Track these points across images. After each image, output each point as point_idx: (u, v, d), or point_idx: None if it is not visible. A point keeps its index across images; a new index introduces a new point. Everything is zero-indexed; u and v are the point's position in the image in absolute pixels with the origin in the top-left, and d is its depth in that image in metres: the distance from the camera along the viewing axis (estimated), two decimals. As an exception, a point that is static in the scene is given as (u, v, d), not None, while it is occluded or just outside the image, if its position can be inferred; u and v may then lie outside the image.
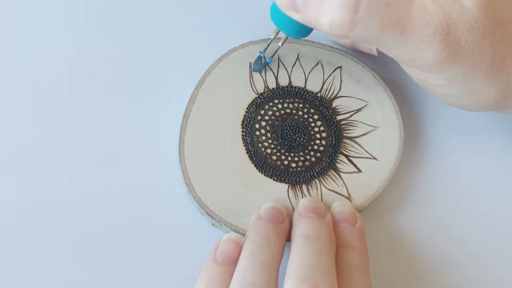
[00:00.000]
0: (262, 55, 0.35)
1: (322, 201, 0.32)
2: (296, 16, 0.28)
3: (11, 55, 0.36)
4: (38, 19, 0.37)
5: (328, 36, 0.38)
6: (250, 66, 0.35)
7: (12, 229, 0.32)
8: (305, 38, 0.36)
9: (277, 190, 0.32)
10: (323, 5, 0.26)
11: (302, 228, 0.30)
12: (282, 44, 0.34)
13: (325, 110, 0.35)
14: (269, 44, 0.34)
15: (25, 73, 0.36)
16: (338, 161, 0.34)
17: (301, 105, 0.35)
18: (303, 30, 0.31)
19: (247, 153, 0.33)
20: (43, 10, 0.38)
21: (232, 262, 0.29)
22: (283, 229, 0.30)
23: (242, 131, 0.34)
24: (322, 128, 0.34)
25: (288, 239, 0.31)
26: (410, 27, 0.27)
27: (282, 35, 0.33)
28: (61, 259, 0.32)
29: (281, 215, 0.31)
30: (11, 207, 0.32)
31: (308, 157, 0.33)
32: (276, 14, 0.31)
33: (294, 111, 0.34)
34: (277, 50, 0.35)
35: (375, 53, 0.36)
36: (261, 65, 0.35)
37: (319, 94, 0.35)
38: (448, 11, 0.27)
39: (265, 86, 0.35)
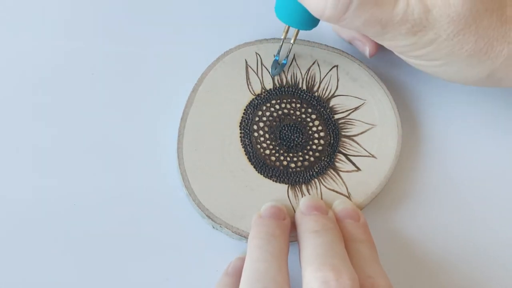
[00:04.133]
0: (277, 58, 0.35)
1: (322, 200, 0.32)
2: None
3: (11, 55, 0.36)
4: (38, 19, 0.37)
5: (324, 36, 0.38)
6: (247, 67, 0.35)
7: (12, 229, 0.32)
8: (301, 38, 0.36)
9: (277, 191, 0.32)
10: None
11: (309, 226, 0.30)
12: (294, 40, 0.34)
13: (322, 109, 0.35)
14: (281, 45, 0.35)
15: (25, 73, 0.36)
16: (337, 160, 0.34)
17: (298, 105, 0.35)
18: (311, 21, 0.32)
19: (245, 154, 0.33)
20: (43, 10, 0.37)
21: (240, 274, 0.29)
22: (286, 225, 0.31)
23: (240, 133, 0.34)
24: (320, 128, 0.34)
25: (292, 238, 0.31)
26: (391, 24, 0.29)
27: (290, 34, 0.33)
28: (61, 259, 0.32)
29: (282, 212, 0.31)
30: (11, 207, 0.32)
31: (307, 157, 0.33)
32: (282, 11, 0.31)
33: (291, 111, 0.34)
34: (290, 49, 0.35)
35: (367, 55, 0.36)
36: (278, 68, 0.35)
37: (316, 94, 0.35)
38: (430, 6, 0.28)
39: (262, 87, 0.35)
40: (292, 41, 0.34)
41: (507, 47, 0.30)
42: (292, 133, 0.34)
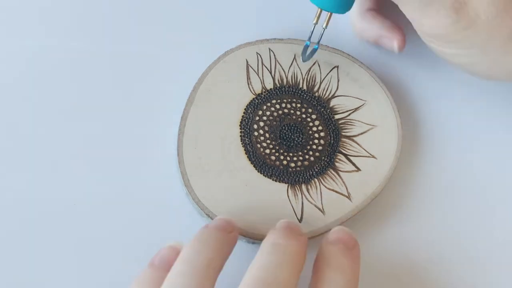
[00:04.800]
0: (308, 44, 0.35)
1: (322, 200, 0.32)
2: None
3: (11, 55, 0.36)
4: (37, 18, 0.37)
5: (325, 36, 0.38)
6: (247, 66, 0.35)
7: (12, 229, 0.32)
8: (302, 39, 0.36)
9: (277, 190, 0.32)
10: None
11: (272, 236, 0.28)
12: (327, 24, 0.33)
13: (323, 109, 0.35)
14: (312, 30, 0.34)
15: (25, 73, 0.36)
16: (337, 160, 0.34)
17: (298, 105, 0.35)
18: (345, 3, 0.32)
19: (245, 153, 0.33)
20: (43, 10, 0.38)
21: (169, 267, 0.27)
22: (230, 238, 0.29)
23: (241, 132, 0.34)
24: (320, 128, 0.34)
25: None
26: None
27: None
28: (60, 259, 0.32)
29: (230, 225, 0.29)
30: (11, 207, 0.32)
31: (307, 156, 0.33)
32: None
33: (292, 111, 0.34)
34: (322, 34, 0.34)
35: (396, 50, 0.36)
36: (310, 53, 0.35)
37: (316, 94, 0.35)
38: None
39: (262, 87, 0.35)
40: (324, 26, 0.33)
41: None
42: (292, 132, 0.34)
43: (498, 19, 0.29)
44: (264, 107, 0.34)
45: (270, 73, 0.35)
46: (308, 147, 0.34)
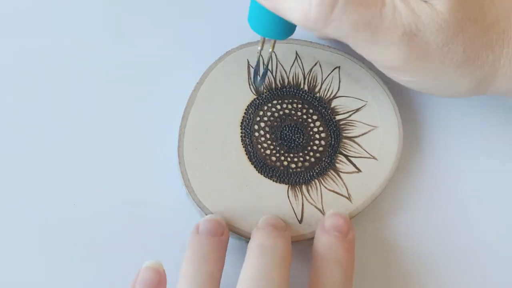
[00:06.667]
0: (257, 69, 0.34)
1: (322, 201, 0.32)
2: (267, 3, 0.28)
3: (11, 55, 0.36)
4: (37, 18, 0.37)
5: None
6: (249, 67, 0.35)
7: (11, 229, 0.32)
8: (303, 39, 0.36)
9: (277, 191, 0.32)
10: None
11: (258, 237, 0.29)
12: (273, 49, 0.32)
13: (324, 110, 0.35)
14: (259, 57, 0.33)
15: (25, 73, 0.36)
16: (338, 161, 0.34)
17: (299, 106, 0.35)
18: (287, 29, 0.30)
19: (246, 154, 0.33)
20: (43, 9, 0.38)
21: None
22: (222, 241, 0.30)
23: (241, 133, 0.34)
24: (321, 129, 0.34)
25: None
26: (381, 28, 0.27)
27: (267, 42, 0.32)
28: (60, 259, 0.32)
29: (220, 227, 0.30)
30: (11, 207, 0.32)
31: (307, 157, 0.33)
32: (255, 21, 0.30)
33: (293, 112, 0.34)
34: (269, 57, 0.33)
35: None
36: (261, 78, 0.34)
37: (317, 95, 0.35)
38: (418, 13, 0.28)
39: (263, 87, 0.35)
40: (270, 50, 0.32)
41: (492, 54, 0.29)
42: (293, 133, 0.34)
43: (449, 46, 0.28)
44: (265, 107, 0.34)
45: (272, 73, 0.35)
46: (309, 148, 0.34)
